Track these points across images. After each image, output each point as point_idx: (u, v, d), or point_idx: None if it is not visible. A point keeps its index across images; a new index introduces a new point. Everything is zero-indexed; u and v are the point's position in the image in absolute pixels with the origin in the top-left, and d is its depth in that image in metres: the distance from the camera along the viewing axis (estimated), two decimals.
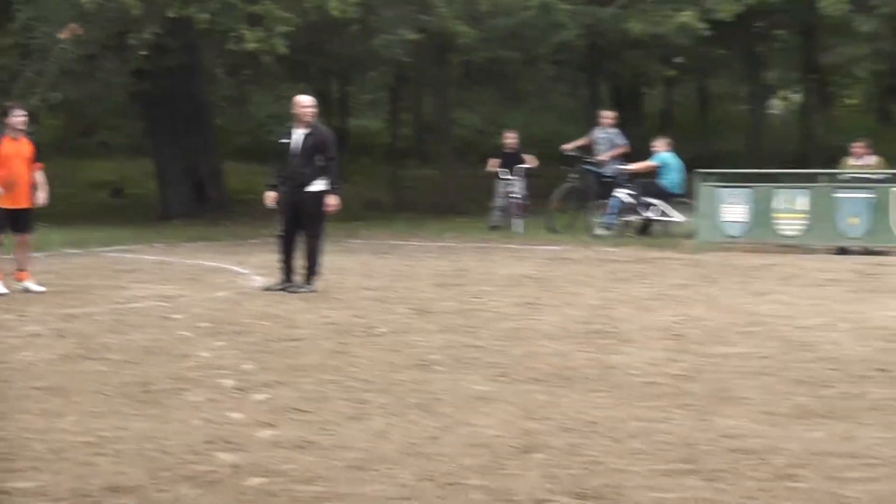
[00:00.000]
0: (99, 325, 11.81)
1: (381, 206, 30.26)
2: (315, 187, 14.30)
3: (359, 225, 25.05)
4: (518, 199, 24.47)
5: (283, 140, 14.52)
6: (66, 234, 21.83)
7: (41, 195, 14.67)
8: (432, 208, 29.30)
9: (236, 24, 23.55)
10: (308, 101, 14.67)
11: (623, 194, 22.30)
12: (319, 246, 14.56)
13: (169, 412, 7.91)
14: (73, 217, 25.37)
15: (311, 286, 14.42)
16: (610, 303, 13.56)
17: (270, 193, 14.60)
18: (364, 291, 14.61)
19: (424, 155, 37.77)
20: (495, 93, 41.55)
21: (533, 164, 24.69)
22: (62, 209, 23.38)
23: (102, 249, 20.85)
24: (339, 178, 14.87)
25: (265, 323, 11.96)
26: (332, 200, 14.36)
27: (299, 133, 14.40)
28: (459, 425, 7.53)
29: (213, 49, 27.40)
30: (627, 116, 36.15)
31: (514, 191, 24.53)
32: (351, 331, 11.48)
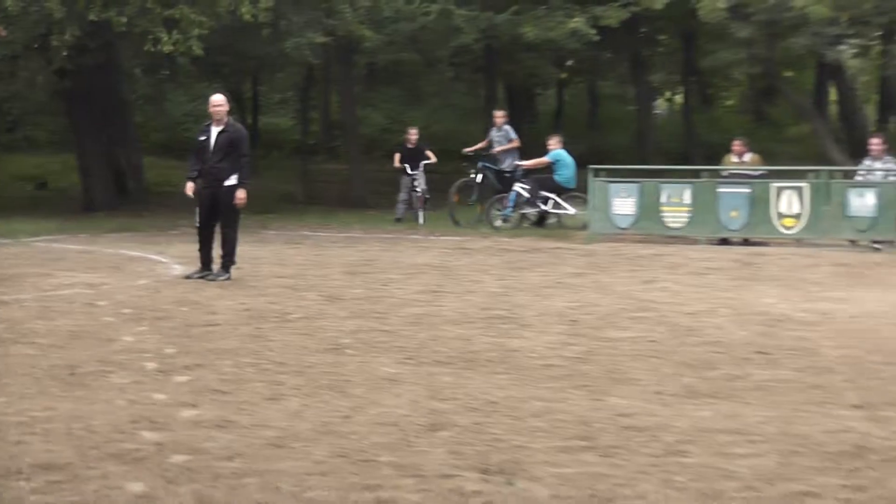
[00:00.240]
0: (27, 311, 11.64)
1: (293, 199, 30.11)
2: (231, 182, 14.20)
3: (272, 217, 24.94)
4: (420, 193, 24.49)
5: (201, 137, 14.44)
6: None
7: None
8: (341, 201, 29.24)
9: (153, 27, 23.31)
10: (220, 100, 14.55)
11: (520, 188, 22.39)
12: (235, 236, 14.48)
13: (96, 393, 7.82)
14: (1, 209, 24.97)
15: (228, 274, 14.33)
16: (509, 290, 13.62)
17: (190, 184, 14.47)
18: (278, 279, 14.54)
19: (333, 151, 37.74)
20: (399, 92, 41.49)
21: (433, 160, 24.71)
22: None
23: (30, 239, 20.57)
24: (251, 173, 14.81)
25: (185, 309, 11.86)
26: (240, 194, 14.24)
27: (215, 130, 14.32)
28: (370, 405, 7.52)
29: (131, 49, 27.06)
30: (522, 115, 36.42)
31: (417, 185, 24.54)
32: (266, 316, 11.41)
